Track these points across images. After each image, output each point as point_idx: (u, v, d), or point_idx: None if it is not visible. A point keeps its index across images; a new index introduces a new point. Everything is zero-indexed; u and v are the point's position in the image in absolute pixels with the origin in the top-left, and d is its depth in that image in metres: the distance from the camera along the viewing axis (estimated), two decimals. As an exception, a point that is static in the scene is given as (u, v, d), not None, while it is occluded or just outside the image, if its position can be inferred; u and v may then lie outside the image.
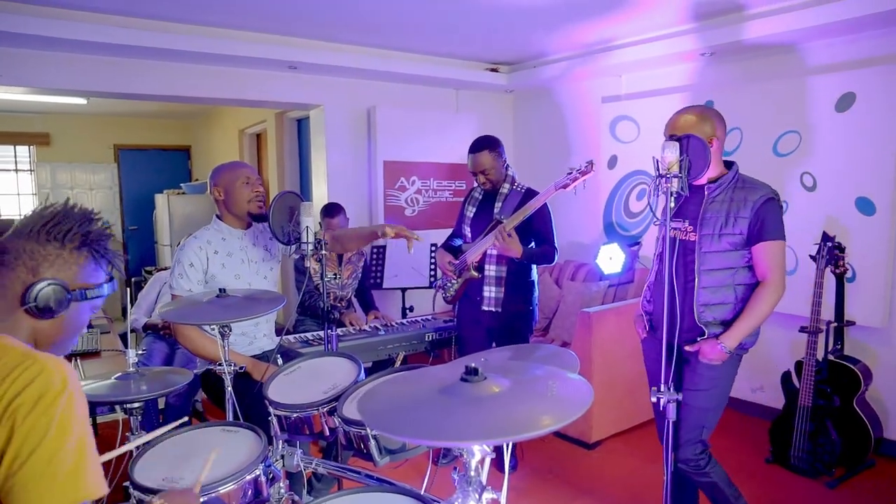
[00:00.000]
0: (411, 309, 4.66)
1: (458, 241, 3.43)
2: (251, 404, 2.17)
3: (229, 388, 1.97)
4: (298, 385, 1.92)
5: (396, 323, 3.89)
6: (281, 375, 1.97)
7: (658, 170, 2.12)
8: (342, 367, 1.98)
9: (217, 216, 2.62)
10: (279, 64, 4.23)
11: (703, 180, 2.25)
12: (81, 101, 6.23)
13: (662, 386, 2.14)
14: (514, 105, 5.75)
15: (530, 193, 3.22)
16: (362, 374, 1.90)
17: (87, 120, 7.90)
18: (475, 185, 3.36)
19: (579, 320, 3.66)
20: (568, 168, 3.00)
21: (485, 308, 3.22)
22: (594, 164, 2.94)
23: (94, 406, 2.05)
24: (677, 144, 2.11)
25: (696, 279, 2.25)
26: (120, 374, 1.86)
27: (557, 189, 2.99)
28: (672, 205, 2.12)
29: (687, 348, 2.28)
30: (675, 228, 2.28)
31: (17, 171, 7.86)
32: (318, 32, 4.10)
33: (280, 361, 2.04)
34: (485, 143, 3.18)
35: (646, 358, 2.59)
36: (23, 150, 7.83)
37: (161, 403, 3.30)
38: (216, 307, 1.93)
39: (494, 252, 3.16)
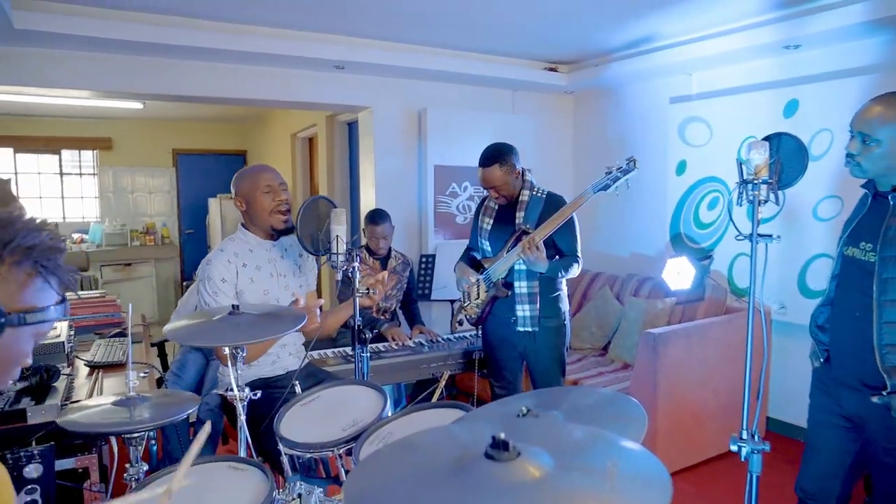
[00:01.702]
0: (461, 322, 4.39)
1: (478, 256, 3.14)
2: (268, 433, 1.95)
3: (242, 418, 1.75)
4: (315, 419, 1.68)
5: (442, 339, 3.63)
6: (297, 406, 1.73)
7: (742, 175, 1.78)
8: (366, 399, 1.73)
9: (242, 225, 2.42)
10: (325, 63, 4.05)
11: (887, 185, 1.84)
12: (138, 105, 6.28)
13: (745, 433, 1.79)
14: (575, 106, 5.42)
15: (553, 198, 2.93)
16: (388, 410, 1.64)
17: (147, 124, 8.01)
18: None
19: (642, 341, 3.31)
20: (606, 167, 2.67)
21: (520, 329, 2.93)
22: (637, 162, 2.60)
23: (86, 437, 1.86)
24: (766, 144, 1.77)
25: (876, 312, 1.83)
26: (119, 398, 1.67)
27: (597, 192, 2.66)
28: (759, 216, 1.77)
29: (874, 399, 1.85)
30: (766, 242, 1.89)
31: (81, 174, 8.04)
32: (365, 30, 3.90)
33: (298, 389, 1.81)
34: (494, 157, 2.84)
35: (813, 390, 2.15)
36: (87, 155, 8.00)
37: (192, 417, 3.14)
38: (227, 326, 1.72)
39: (523, 267, 2.87)
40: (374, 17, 3.60)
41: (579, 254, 2.94)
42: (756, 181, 1.73)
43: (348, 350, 3.29)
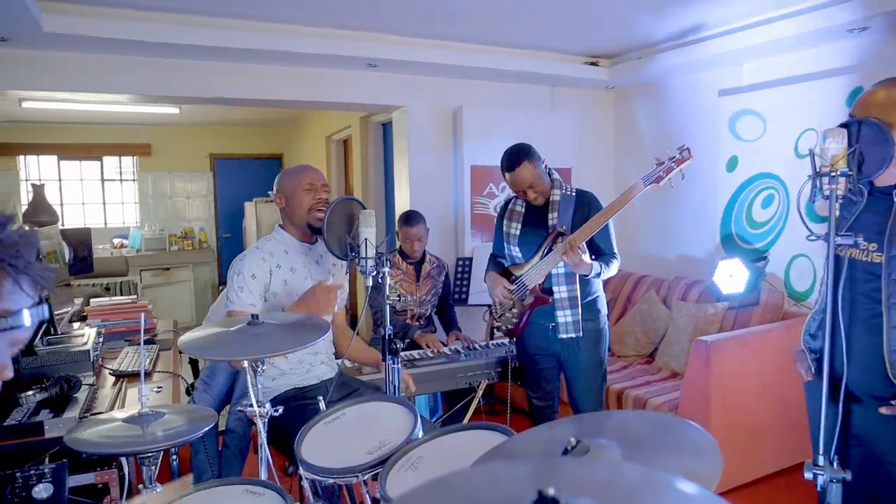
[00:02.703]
0: (495, 331, 4.23)
1: (505, 263, 2.96)
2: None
3: (262, 437, 1.62)
4: (339, 439, 1.54)
5: (480, 346, 3.47)
6: (321, 424, 1.60)
7: (816, 167, 1.58)
8: (395, 418, 1.58)
9: (280, 226, 2.35)
10: (358, 62, 3.94)
11: (887, 181, 1.66)
12: (174, 109, 6.29)
13: (821, 458, 1.58)
14: (616, 102, 5.20)
15: (584, 196, 2.77)
16: (418, 430, 1.49)
17: (184, 130, 8.07)
18: (514, 198, 2.88)
19: (694, 350, 3.09)
20: (655, 158, 2.47)
21: (562, 336, 2.75)
22: (691, 150, 2.40)
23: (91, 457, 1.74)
24: (844, 131, 1.56)
25: (886, 316, 1.65)
26: (131, 414, 1.56)
27: (648, 185, 2.46)
28: (837, 213, 1.56)
29: (883, 410, 1.67)
30: (845, 245, 1.69)
31: (121, 180, 8.15)
32: (398, 27, 3.77)
33: (322, 405, 1.68)
34: (520, 155, 2.66)
35: (809, 409, 1.98)
36: (127, 161, 8.10)
37: (221, 425, 3.04)
38: (247, 338, 1.59)
39: (562, 270, 2.69)
40: (407, 13, 3.47)
41: (616, 251, 2.78)
42: (833, 173, 1.52)
43: (382, 358, 3.16)
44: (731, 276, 3.67)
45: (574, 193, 2.76)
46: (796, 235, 3.74)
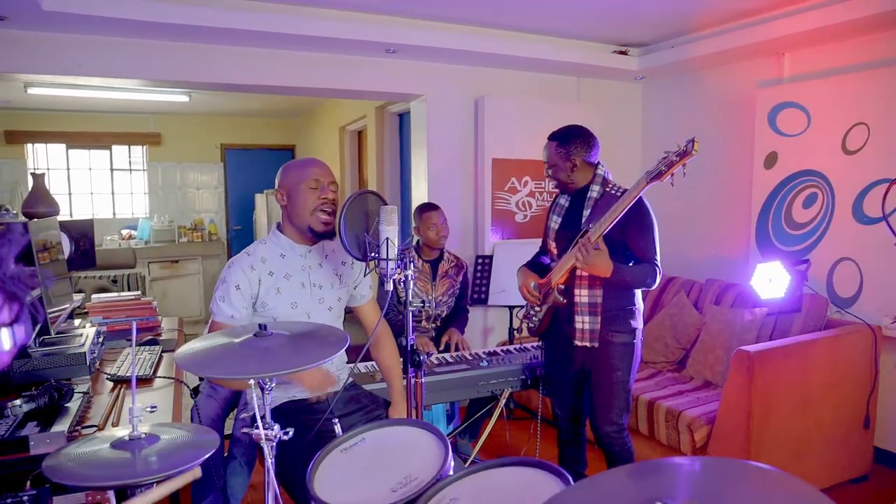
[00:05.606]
0: (519, 330, 4.01)
1: (548, 260, 2.77)
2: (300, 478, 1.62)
3: (269, 462, 1.43)
4: (358, 471, 1.34)
5: (470, 355, 3.20)
6: (336, 452, 1.40)
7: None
8: (423, 447, 1.37)
9: (278, 225, 2.13)
10: (376, 47, 3.72)
11: None
12: (184, 98, 6.11)
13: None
14: (643, 95, 4.95)
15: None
16: (450, 464, 1.28)
17: (195, 119, 7.89)
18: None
19: (735, 360, 2.86)
20: (664, 151, 2.23)
21: (577, 343, 2.54)
22: (696, 142, 2.14)
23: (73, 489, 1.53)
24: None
25: None
26: (119, 438, 1.36)
27: (651, 181, 2.22)
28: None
29: None
30: None
31: (130, 170, 7.98)
32: (419, 9, 3.56)
33: (338, 429, 1.48)
34: (556, 135, 2.61)
35: None
36: (136, 150, 7.93)
37: (227, 430, 2.86)
38: (253, 352, 1.39)
39: (585, 272, 2.47)
40: (429, -7, 3.26)
41: (657, 260, 2.47)
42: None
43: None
44: (771, 280, 3.43)
45: (620, 194, 2.47)
46: (841, 237, 3.51)
